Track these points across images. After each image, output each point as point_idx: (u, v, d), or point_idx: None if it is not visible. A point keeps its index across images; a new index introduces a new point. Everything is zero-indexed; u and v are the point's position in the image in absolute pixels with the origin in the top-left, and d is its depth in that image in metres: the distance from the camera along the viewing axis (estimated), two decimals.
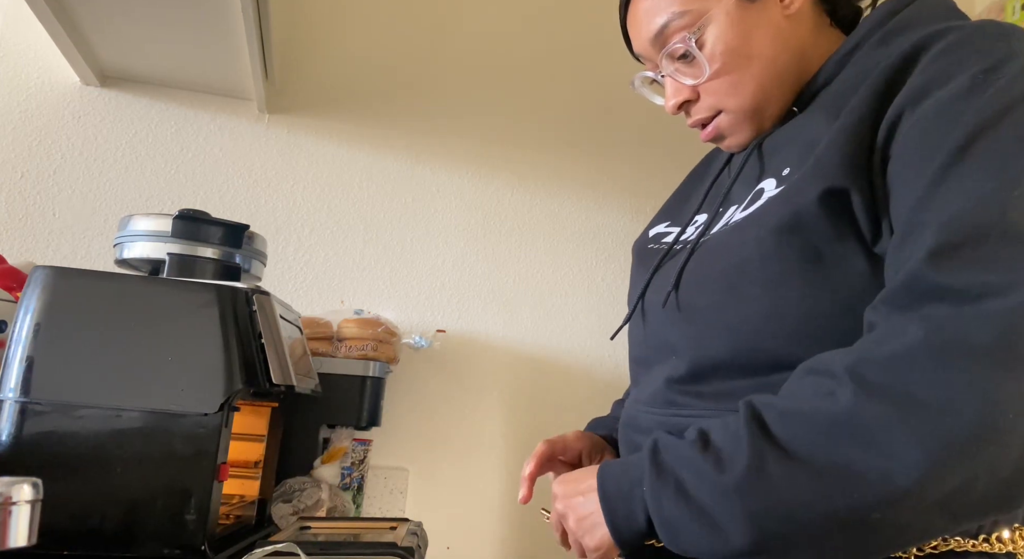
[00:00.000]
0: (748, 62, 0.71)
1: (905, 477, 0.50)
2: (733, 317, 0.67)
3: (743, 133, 0.76)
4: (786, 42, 0.72)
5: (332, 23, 1.63)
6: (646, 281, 0.80)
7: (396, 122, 1.63)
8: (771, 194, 0.68)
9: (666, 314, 0.74)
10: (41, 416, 0.83)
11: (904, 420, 0.51)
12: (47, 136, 1.45)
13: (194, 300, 0.88)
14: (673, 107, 0.77)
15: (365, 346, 1.37)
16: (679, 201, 0.93)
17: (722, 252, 0.70)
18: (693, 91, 0.75)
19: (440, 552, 1.50)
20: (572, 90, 1.74)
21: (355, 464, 1.39)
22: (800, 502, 0.53)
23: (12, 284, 1.08)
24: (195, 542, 0.83)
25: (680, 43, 0.72)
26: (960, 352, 0.50)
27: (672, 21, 0.72)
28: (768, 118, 0.75)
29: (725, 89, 0.73)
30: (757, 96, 0.73)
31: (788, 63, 0.72)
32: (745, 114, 0.74)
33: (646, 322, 0.79)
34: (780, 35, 0.72)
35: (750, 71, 0.72)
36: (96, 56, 1.40)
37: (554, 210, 1.69)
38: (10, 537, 0.57)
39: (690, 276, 0.72)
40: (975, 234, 0.53)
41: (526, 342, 1.63)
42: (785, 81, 0.73)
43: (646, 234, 0.92)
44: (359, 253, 1.57)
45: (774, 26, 0.72)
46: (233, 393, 0.85)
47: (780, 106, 0.75)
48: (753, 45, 0.71)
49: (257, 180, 1.54)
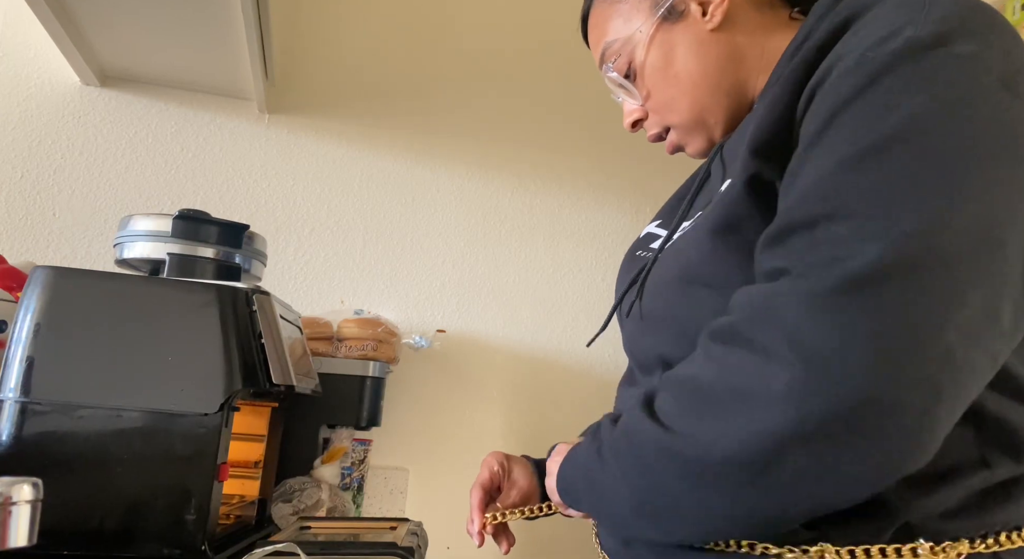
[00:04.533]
0: (676, 80, 0.74)
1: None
2: (685, 321, 0.66)
3: (697, 143, 0.78)
4: (713, 55, 0.72)
5: (332, 23, 1.64)
6: (623, 291, 0.80)
7: (396, 122, 1.63)
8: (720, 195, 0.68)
9: (631, 321, 0.76)
10: (41, 416, 0.83)
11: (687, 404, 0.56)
12: (47, 136, 1.45)
13: (194, 300, 0.88)
14: (627, 126, 0.81)
15: (365, 346, 1.37)
16: (673, 200, 0.92)
17: (674, 258, 0.71)
18: (642, 110, 0.79)
19: (440, 552, 1.50)
20: (572, 90, 1.74)
21: (355, 464, 1.39)
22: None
23: (12, 284, 1.08)
24: (195, 542, 0.83)
25: (614, 72, 0.76)
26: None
27: (607, 50, 0.77)
28: (716, 125, 0.75)
29: (663, 108, 0.76)
30: (694, 110, 0.74)
31: (721, 73, 0.73)
32: (689, 128, 0.76)
33: (623, 331, 0.80)
34: (704, 49, 0.73)
35: (679, 88, 0.74)
36: (96, 56, 1.40)
37: (554, 210, 1.69)
38: (10, 537, 0.57)
39: (651, 284, 0.73)
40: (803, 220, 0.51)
41: (526, 342, 1.63)
42: (721, 89, 0.73)
43: (640, 234, 0.91)
44: (359, 253, 1.57)
45: (698, 42, 0.73)
46: (233, 393, 0.85)
47: (726, 113, 0.74)
48: (677, 64, 0.73)
49: (257, 180, 1.54)
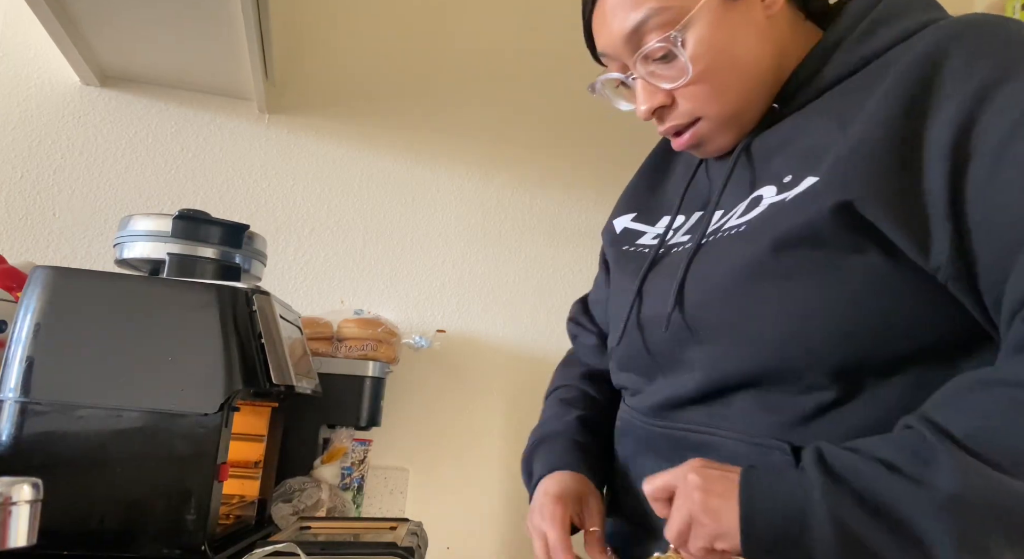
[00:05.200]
0: (732, 65, 0.67)
1: None
2: (751, 336, 0.64)
3: (723, 140, 0.72)
4: (769, 43, 0.69)
5: (332, 23, 1.63)
6: (635, 293, 0.76)
7: (396, 122, 1.63)
8: (772, 201, 0.65)
9: (671, 334, 0.69)
10: (41, 416, 0.83)
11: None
12: (47, 136, 1.45)
13: (194, 300, 0.88)
14: (647, 112, 0.71)
15: (365, 346, 1.37)
16: (643, 192, 0.88)
17: (726, 263, 0.66)
18: (668, 95, 0.69)
19: (440, 552, 1.50)
20: (572, 89, 1.73)
21: (355, 464, 1.39)
22: (1012, 514, 0.51)
23: (12, 284, 1.08)
24: (195, 542, 0.83)
25: (662, 42, 0.66)
26: None
27: (650, 18, 0.66)
28: (748, 123, 0.71)
29: (706, 94, 0.68)
30: (739, 102, 0.69)
31: (770, 65, 0.69)
32: (725, 121, 0.70)
33: (645, 335, 0.74)
34: (763, 36, 0.68)
35: (734, 74, 0.68)
36: (96, 56, 1.40)
37: (554, 210, 1.69)
38: (10, 537, 0.57)
39: (694, 291, 0.68)
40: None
41: (526, 342, 1.63)
42: (766, 84, 0.70)
43: (612, 228, 0.87)
44: (359, 253, 1.57)
45: (757, 26, 0.68)
46: (233, 393, 0.85)
47: (761, 110, 0.71)
48: (737, 47, 0.67)
49: (257, 180, 1.54)
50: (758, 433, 0.64)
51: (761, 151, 0.71)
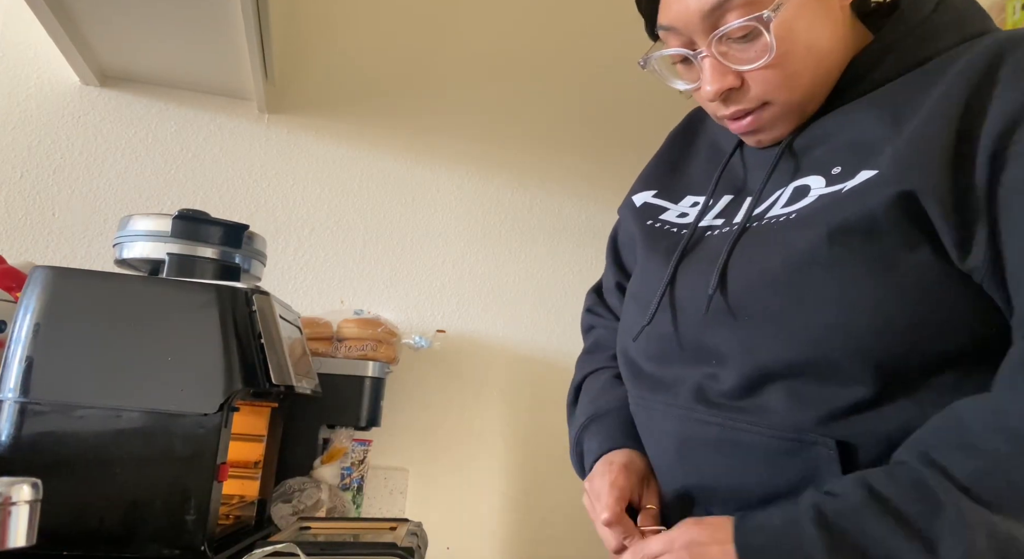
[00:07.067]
0: (808, 53, 0.66)
1: None
2: (796, 324, 0.63)
3: (783, 127, 0.72)
4: (840, 36, 0.69)
5: (332, 24, 1.63)
6: (671, 274, 0.74)
7: (396, 122, 1.63)
8: (823, 192, 0.65)
9: (710, 316, 0.68)
10: (41, 416, 0.83)
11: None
12: (47, 136, 1.45)
13: (194, 300, 0.88)
14: (716, 92, 0.68)
15: (365, 346, 1.37)
16: (665, 171, 0.87)
17: (777, 249, 0.65)
18: (738, 77, 0.67)
19: (440, 552, 1.50)
20: (572, 89, 1.73)
21: (355, 464, 1.39)
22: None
23: (12, 284, 1.08)
24: (195, 542, 0.83)
25: (750, 21, 0.64)
26: None
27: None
28: (809, 113, 0.71)
29: (779, 79, 0.67)
30: (809, 89, 0.69)
31: (839, 58, 0.69)
32: (792, 108, 0.69)
33: (677, 320, 0.72)
34: (837, 28, 0.68)
35: (810, 62, 0.67)
36: (96, 56, 1.40)
37: (554, 210, 1.69)
38: (10, 537, 0.57)
39: (740, 276, 0.67)
40: None
41: (526, 342, 1.63)
42: (832, 75, 0.70)
43: (632, 202, 0.86)
44: (359, 253, 1.57)
45: (834, 18, 0.68)
46: (233, 393, 0.85)
47: (820, 102, 0.71)
48: (816, 36, 0.67)
49: (257, 180, 1.54)
50: (793, 427, 0.63)
51: (804, 143, 0.71)
